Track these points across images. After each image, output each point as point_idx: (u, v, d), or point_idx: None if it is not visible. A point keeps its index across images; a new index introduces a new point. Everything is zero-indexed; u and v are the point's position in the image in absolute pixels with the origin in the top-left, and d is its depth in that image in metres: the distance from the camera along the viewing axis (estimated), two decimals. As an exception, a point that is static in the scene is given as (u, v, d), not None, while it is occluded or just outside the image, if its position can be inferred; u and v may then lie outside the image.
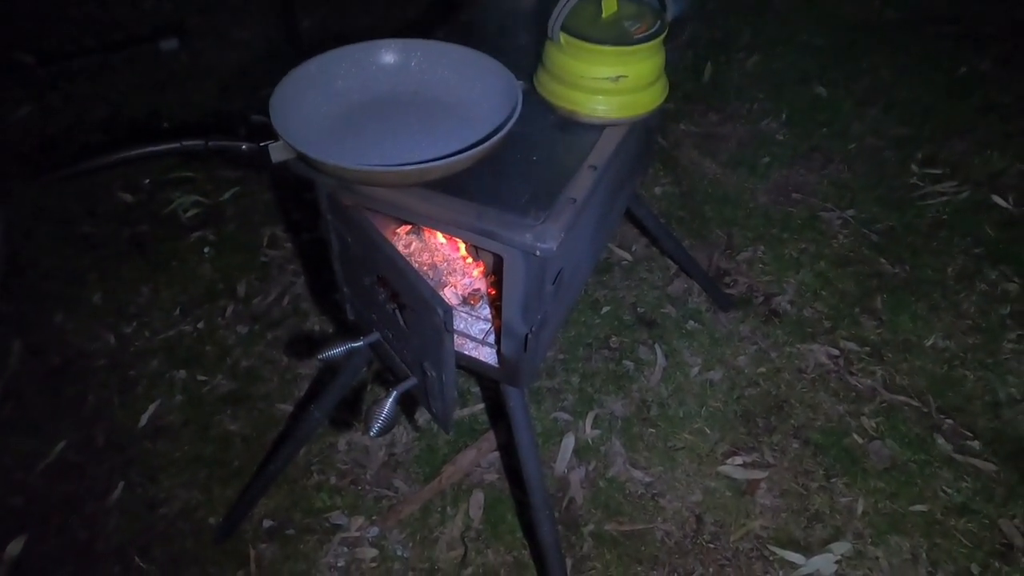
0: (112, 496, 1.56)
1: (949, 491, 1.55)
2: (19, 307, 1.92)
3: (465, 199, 0.89)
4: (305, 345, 1.85)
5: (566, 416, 1.70)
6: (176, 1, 3.18)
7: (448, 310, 0.82)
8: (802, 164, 2.39)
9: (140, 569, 1.45)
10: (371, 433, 0.92)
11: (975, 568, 1.44)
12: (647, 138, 1.27)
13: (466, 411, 1.71)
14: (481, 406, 1.72)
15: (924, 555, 1.46)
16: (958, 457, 1.61)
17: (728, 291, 1.98)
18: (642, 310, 1.94)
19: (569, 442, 1.65)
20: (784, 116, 2.56)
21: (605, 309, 1.93)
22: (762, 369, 1.79)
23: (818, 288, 1.98)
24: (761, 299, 1.96)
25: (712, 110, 2.60)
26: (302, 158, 0.87)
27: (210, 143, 0.83)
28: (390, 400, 0.94)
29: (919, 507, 1.53)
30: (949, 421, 1.68)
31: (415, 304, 0.87)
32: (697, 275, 1.90)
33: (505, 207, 0.88)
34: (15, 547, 1.46)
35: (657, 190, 2.29)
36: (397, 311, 0.95)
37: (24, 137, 2.45)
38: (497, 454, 1.63)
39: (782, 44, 2.91)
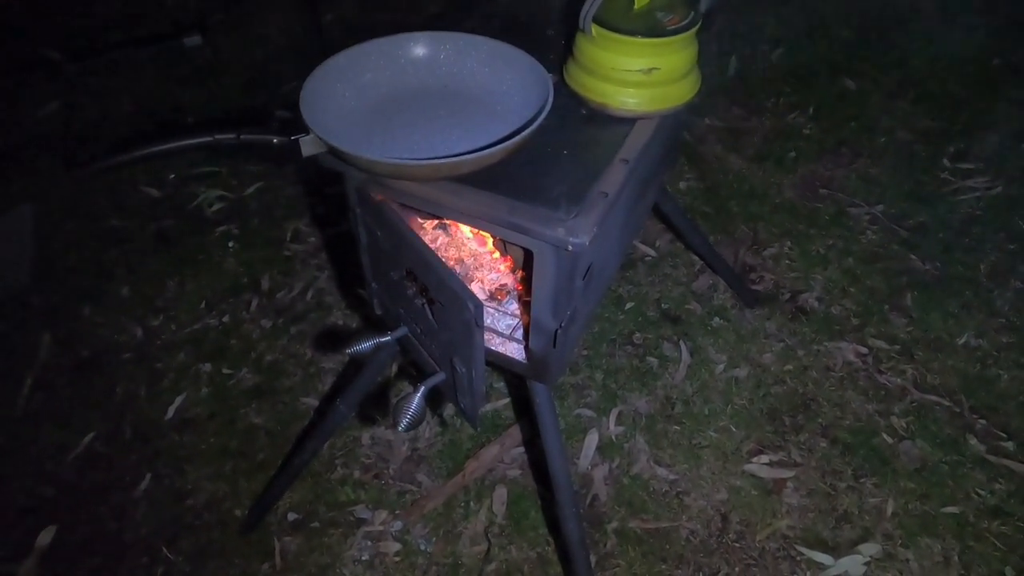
0: (140, 487, 1.57)
1: (982, 493, 1.52)
2: (48, 300, 1.95)
3: (496, 193, 0.88)
4: (329, 339, 1.86)
5: (589, 413, 1.69)
6: (200, -3, 3.20)
7: (479, 305, 0.81)
8: (829, 159, 2.35)
9: (167, 560, 1.46)
10: (399, 428, 0.91)
11: (1009, 572, 1.41)
12: (677, 132, 1.25)
13: (489, 407, 1.71)
14: (503, 401, 1.72)
15: (956, 558, 1.43)
16: (991, 458, 1.58)
17: (754, 287, 1.95)
18: (666, 306, 1.92)
19: (592, 439, 1.63)
20: (811, 109, 2.52)
21: (629, 305, 1.92)
22: (789, 367, 1.77)
23: (846, 285, 1.95)
24: (788, 296, 1.93)
25: (737, 104, 2.57)
26: (333, 152, 0.86)
27: (242, 136, 0.83)
28: (418, 395, 0.93)
29: (951, 509, 1.50)
30: (982, 421, 1.64)
31: (445, 299, 0.86)
32: (722, 271, 1.87)
33: (536, 201, 0.87)
34: (45, 536, 1.49)
35: (682, 185, 2.26)
36: (426, 306, 0.94)
37: (51, 132, 2.48)
38: (520, 450, 1.63)
39: (808, 36, 2.86)
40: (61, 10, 3.07)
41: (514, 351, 1.10)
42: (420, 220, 1.20)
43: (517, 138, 0.85)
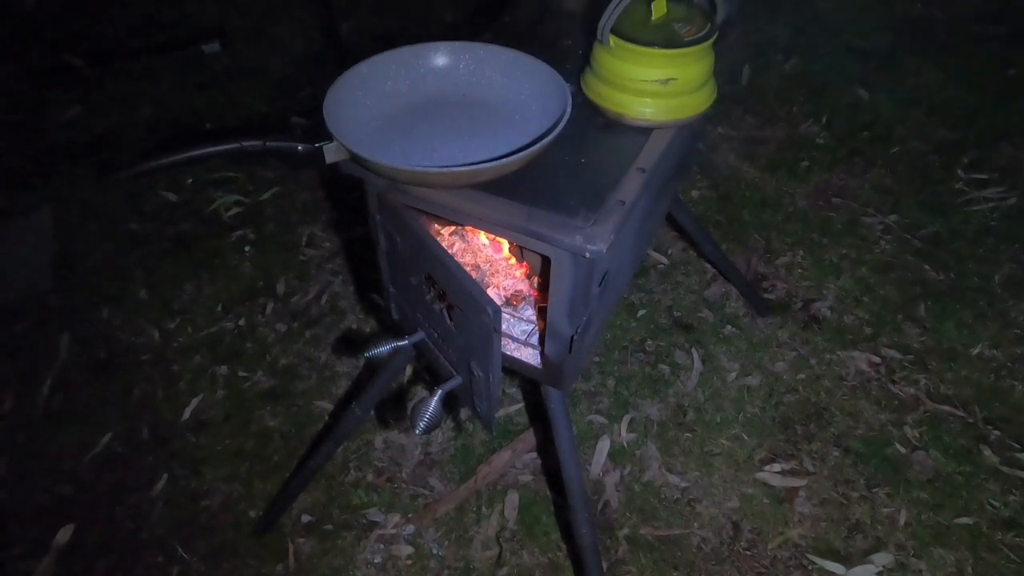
0: (156, 487, 1.59)
1: (996, 504, 1.51)
2: (68, 301, 1.98)
3: (514, 200, 0.90)
4: (344, 343, 1.88)
5: (601, 419, 1.69)
6: (218, 4, 3.24)
7: (497, 310, 0.83)
8: (843, 168, 2.35)
9: (182, 560, 1.48)
10: (417, 431, 0.93)
11: (1023, 584, 1.40)
12: (692, 141, 1.27)
13: (501, 412, 1.72)
14: (516, 407, 1.73)
15: (969, 569, 1.42)
16: (1005, 469, 1.57)
17: (766, 296, 1.95)
18: (679, 314, 1.92)
19: (604, 445, 1.64)
20: (824, 119, 2.53)
21: (641, 312, 1.92)
22: (801, 375, 1.77)
23: (859, 294, 1.95)
24: (800, 305, 1.93)
25: (750, 113, 2.58)
26: (355, 159, 0.88)
27: (268, 143, 0.85)
28: (435, 399, 0.94)
29: (964, 520, 1.49)
30: (996, 432, 1.63)
31: (464, 304, 0.88)
32: (735, 279, 1.88)
33: (554, 208, 0.88)
34: (64, 535, 1.51)
35: (695, 193, 2.27)
36: (444, 311, 0.96)
37: (72, 137, 2.52)
38: (532, 455, 1.63)
39: (822, 45, 2.87)
40: (83, 17, 3.13)
41: (529, 356, 1.11)
42: (437, 226, 1.22)
43: (536, 147, 0.87)
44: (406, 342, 1.06)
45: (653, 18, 1.00)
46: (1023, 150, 2.36)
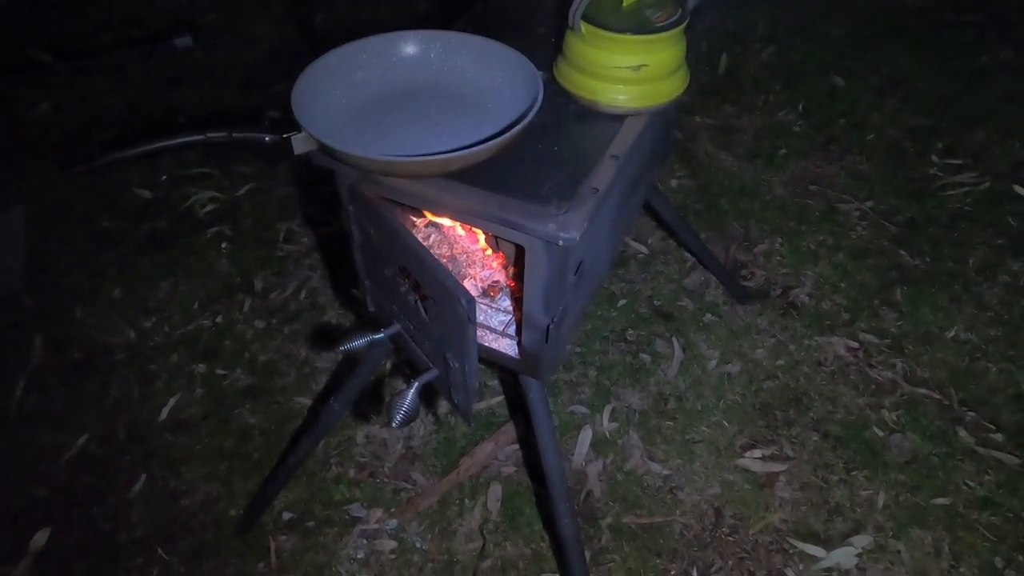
0: (134, 488, 1.57)
1: (972, 484, 1.54)
2: (41, 302, 1.95)
3: (487, 189, 0.89)
4: (323, 339, 1.86)
5: (583, 409, 1.70)
6: (190, -2, 3.20)
7: (471, 300, 0.82)
8: (819, 156, 2.36)
9: (162, 560, 1.46)
10: (393, 424, 0.92)
11: (999, 562, 1.42)
12: (666, 129, 1.26)
13: (483, 404, 1.71)
14: (498, 399, 1.72)
15: (947, 548, 1.44)
16: (981, 450, 1.59)
17: (745, 284, 1.96)
18: (659, 303, 1.93)
19: (586, 435, 1.64)
20: (801, 107, 2.54)
21: (621, 302, 1.93)
22: (780, 362, 1.78)
23: (836, 280, 1.96)
24: (779, 292, 1.95)
25: (728, 102, 2.58)
26: (324, 149, 0.87)
27: (234, 135, 0.83)
28: (412, 391, 0.94)
29: (941, 500, 1.51)
30: (971, 414, 1.66)
31: (438, 295, 0.87)
32: (714, 268, 1.88)
33: (527, 197, 0.87)
34: (40, 538, 1.48)
35: (673, 183, 2.28)
36: (419, 302, 0.95)
37: (42, 134, 2.47)
38: (514, 447, 1.63)
39: (799, 34, 2.88)
40: (51, 11, 3.06)
41: (507, 347, 1.11)
42: (412, 218, 1.21)
43: (507, 135, 0.86)
44: (382, 335, 1.05)
45: (624, 5, 0.99)
46: (996, 136, 2.39)
